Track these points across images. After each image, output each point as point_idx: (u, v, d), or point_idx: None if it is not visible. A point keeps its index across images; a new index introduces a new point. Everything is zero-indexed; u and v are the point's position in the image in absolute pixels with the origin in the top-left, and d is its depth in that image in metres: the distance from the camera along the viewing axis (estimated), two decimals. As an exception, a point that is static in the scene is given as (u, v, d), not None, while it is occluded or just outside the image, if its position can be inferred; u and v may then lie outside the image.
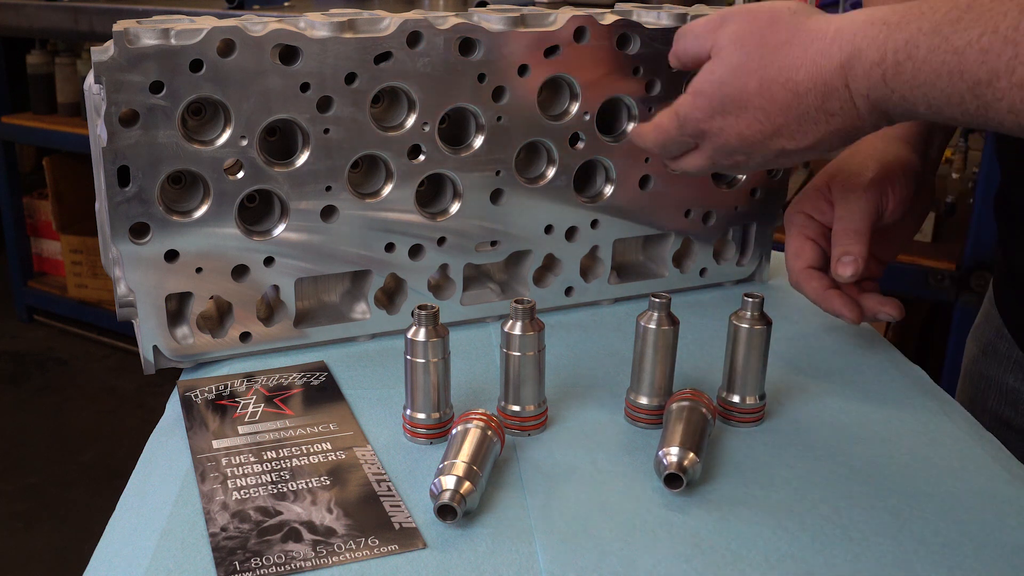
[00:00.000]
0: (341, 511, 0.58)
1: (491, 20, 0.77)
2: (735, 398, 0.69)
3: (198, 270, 0.74)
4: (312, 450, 0.65)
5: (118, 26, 0.67)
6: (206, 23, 0.68)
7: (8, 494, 2.33)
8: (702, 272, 0.93)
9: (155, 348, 0.75)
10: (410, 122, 0.76)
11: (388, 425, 0.68)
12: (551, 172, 0.83)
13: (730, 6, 0.75)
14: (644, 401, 0.68)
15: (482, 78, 0.77)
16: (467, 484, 0.56)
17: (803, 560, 0.54)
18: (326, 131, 0.74)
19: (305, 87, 0.72)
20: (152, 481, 0.63)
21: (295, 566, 0.53)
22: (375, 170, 0.79)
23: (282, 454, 0.64)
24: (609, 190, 0.86)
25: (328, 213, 0.76)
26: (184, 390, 0.73)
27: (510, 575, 0.53)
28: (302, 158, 0.74)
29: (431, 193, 0.82)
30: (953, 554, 0.55)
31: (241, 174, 0.73)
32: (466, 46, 0.77)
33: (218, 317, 0.79)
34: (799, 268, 0.77)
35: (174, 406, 0.71)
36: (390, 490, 0.60)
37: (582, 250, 0.87)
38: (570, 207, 0.85)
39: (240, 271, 0.75)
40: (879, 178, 0.75)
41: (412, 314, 0.64)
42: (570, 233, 0.86)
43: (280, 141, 0.76)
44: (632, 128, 0.78)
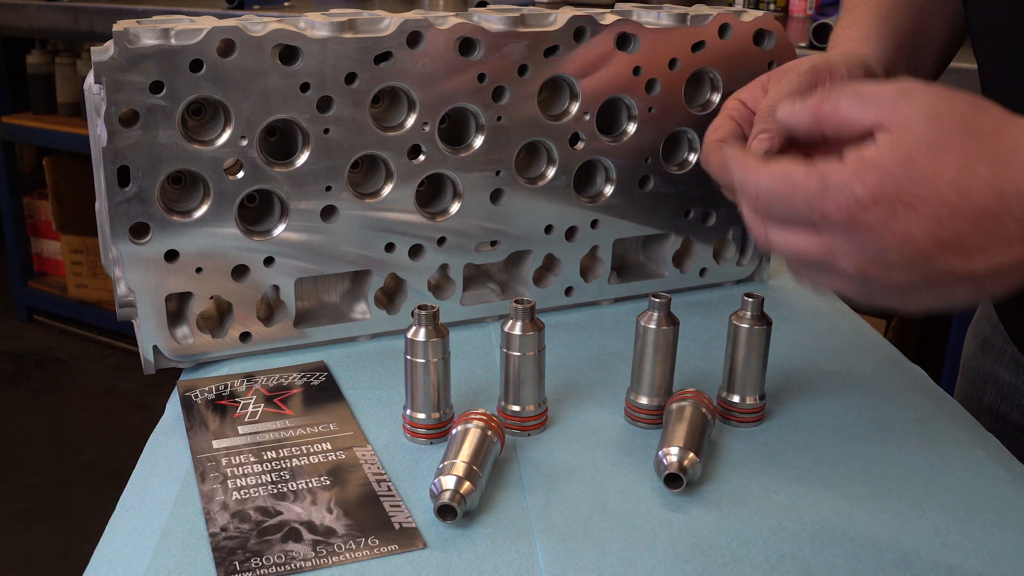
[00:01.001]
0: (341, 511, 0.58)
1: (491, 20, 0.77)
2: (735, 398, 0.69)
3: (198, 270, 0.74)
4: (312, 450, 0.65)
5: (118, 26, 0.67)
6: (206, 23, 0.68)
7: (8, 494, 2.33)
8: (702, 272, 0.93)
9: (155, 348, 0.75)
10: (410, 122, 0.76)
11: (388, 425, 0.68)
12: (551, 172, 0.83)
13: (730, 6, 0.73)
14: (644, 401, 0.68)
15: (482, 78, 0.77)
16: (467, 484, 0.56)
17: (803, 560, 0.54)
18: (326, 131, 0.74)
19: (305, 87, 0.72)
20: (152, 481, 0.63)
21: (295, 566, 0.53)
22: (375, 170, 0.79)
23: (282, 454, 0.64)
24: (609, 190, 0.86)
25: (328, 213, 0.76)
26: (184, 390, 0.73)
27: (510, 575, 0.53)
28: (302, 158, 0.74)
29: (431, 193, 0.82)
30: (953, 554, 0.55)
31: (241, 174, 0.73)
32: (466, 46, 0.77)
33: (218, 317, 0.79)
34: (710, 140, 0.70)
35: (174, 406, 0.71)
36: (390, 490, 0.60)
37: (582, 250, 0.87)
38: (570, 207, 0.85)
39: (240, 271, 0.75)
40: (818, 67, 0.68)
41: (412, 314, 0.64)
42: (570, 233, 0.86)
43: (280, 141, 0.76)
44: (732, 153, 0.57)
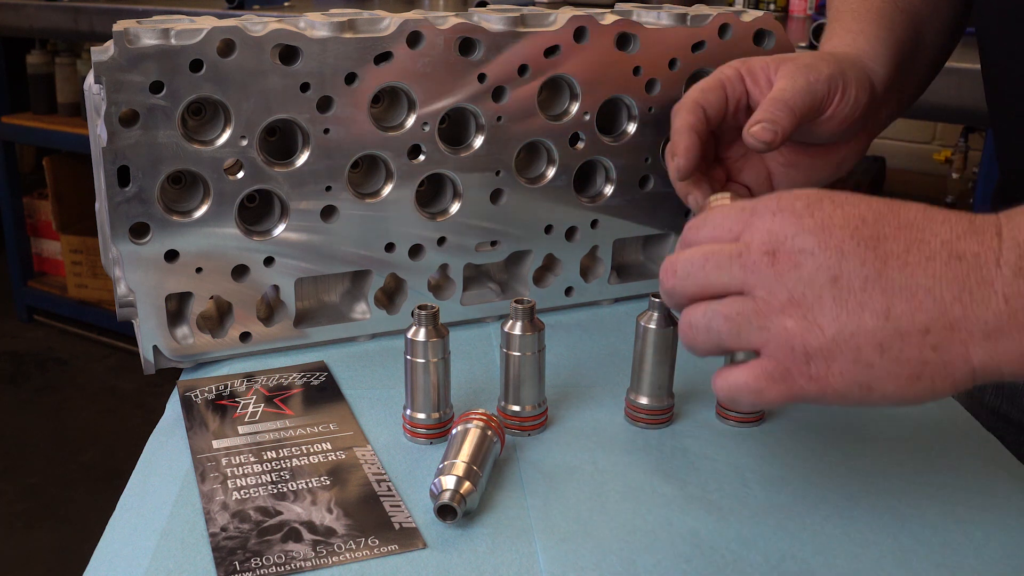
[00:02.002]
0: (341, 511, 0.58)
1: (491, 20, 0.77)
2: (735, 398, 0.69)
3: (198, 270, 0.74)
4: (312, 450, 0.65)
5: (118, 26, 0.67)
6: (206, 23, 0.68)
7: (8, 494, 2.33)
8: (702, 272, 0.93)
9: (155, 348, 0.75)
10: (410, 122, 0.76)
11: (388, 425, 0.68)
12: (551, 172, 0.83)
13: (730, 6, 0.72)
14: (644, 401, 0.68)
15: (482, 78, 0.77)
16: (467, 484, 0.56)
17: (803, 560, 0.54)
18: (326, 131, 0.74)
19: (305, 87, 0.72)
20: (152, 481, 0.63)
21: (295, 566, 0.53)
22: (375, 170, 0.79)
23: (282, 454, 0.64)
24: (609, 190, 0.86)
25: (328, 213, 0.76)
26: (184, 390, 0.73)
27: (510, 575, 0.53)
28: (302, 158, 0.74)
29: (431, 193, 0.82)
30: (953, 554, 0.55)
31: (241, 174, 0.73)
32: (466, 46, 0.77)
33: (218, 317, 0.79)
34: (692, 98, 0.66)
35: (174, 406, 0.71)
36: (390, 490, 0.60)
37: (582, 250, 0.87)
38: (570, 207, 0.85)
39: (240, 271, 0.75)
40: (834, 77, 0.66)
41: (412, 314, 0.64)
42: (570, 233, 0.86)
43: (280, 141, 0.76)
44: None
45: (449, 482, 0.56)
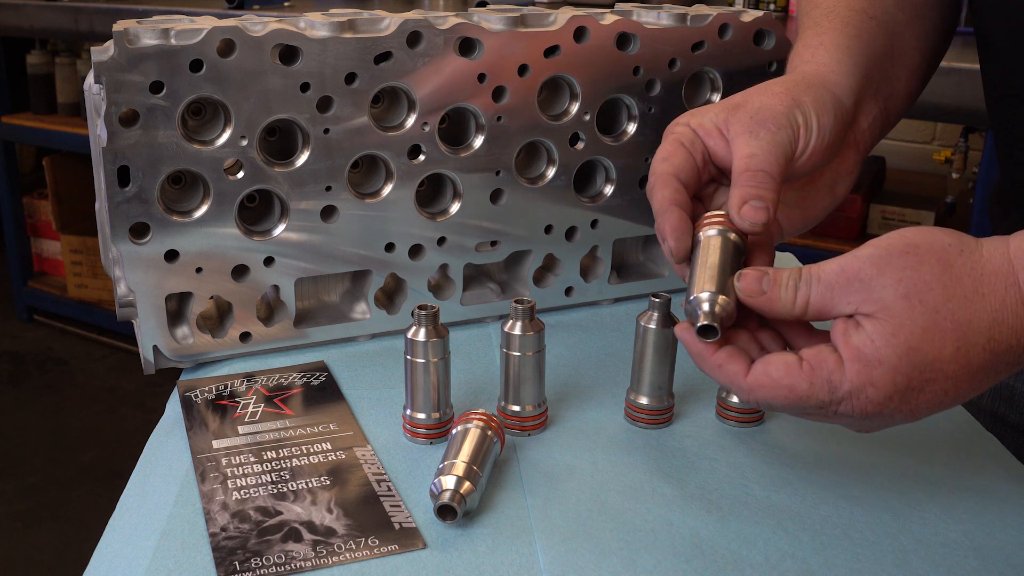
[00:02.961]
0: (341, 511, 0.58)
1: (491, 20, 0.77)
2: (735, 398, 0.69)
3: (198, 270, 0.74)
4: (312, 450, 0.65)
5: (118, 26, 0.67)
6: (206, 23, 0.68)
7: (8, 494, 2.33)
8: (702, 272, 0.93)
9: (155, 348, 0.75)
10: (410, 122, 0.76)
11: (388, 425, 0.68)
12: (551, 172, 0.83)
13: (730, 6, 0.69)
14: (644, 401, 0.68)
15: (482, 78, 0.77)
16: (467, 484, 0.56)
17: (803, 560, 0.54)
18: (326, 131, 0.74)
19: (305, 87, 0.72)
20: (152, 481, 0.63)
21: (295, 566, 0.53)
22: (375, 170, 0.79)
23: (282, 454, 0.64)
24: (609, 190, 0.86)
25: (328, 213, 0.76)
26: (184, 390, 0.73)
27: (510, 575, 0.53)
28: (302, 158, 0.74)
29: (431, 193, 0.82)
30: (953, 554, 0.55)
31: (241, 174, 0.73)
32: (466, 46, 0.77)
33: (218, 317, 0.79)
34: (661, 170, 0.62)
35: (174, 406, 0.71)
36: (390, 490, 0.60)
37: (582, 250, 0.87)
38: (570, 207, 0.85)
39: (240, 271, 0.75)
40: (792, 118, 0.63)
41: (412, 314, 0.64)
42: (570, 233, 0.86)
43: (280, 141, 0.76)
44: (713, 360, 0.56)
45: (449, 482, 0.56)
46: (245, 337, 0.77)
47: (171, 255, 0.72)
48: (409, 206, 0.79)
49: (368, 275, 0.80)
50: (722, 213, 0.60)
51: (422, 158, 0.78)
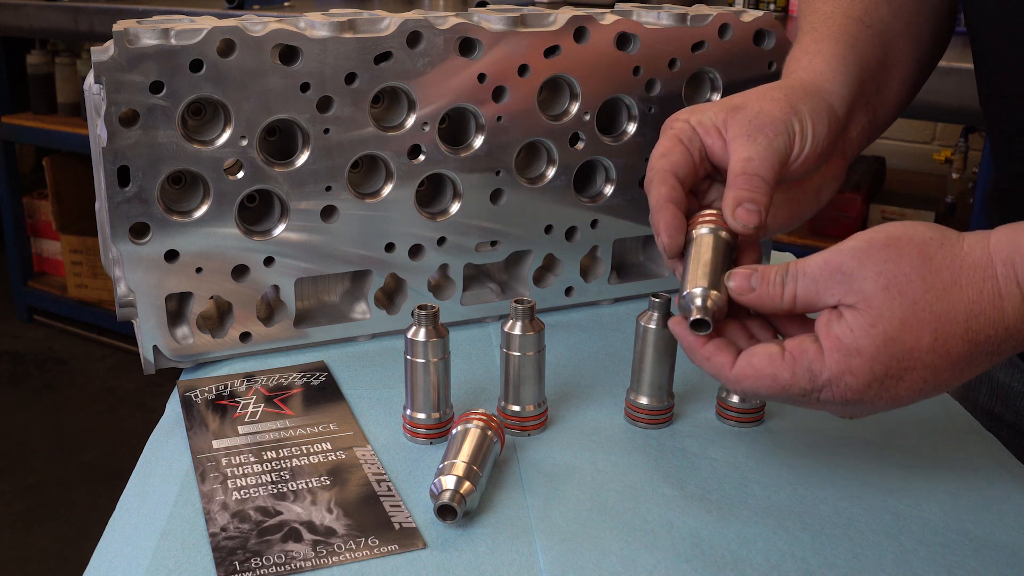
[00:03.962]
0: (341, 511, 0.58)
1: (491, 20, 0.77)
2: (735, 398, 0.69)
3: (198, 270, 0.74)
4: (312, 450, 0.65)
5: (118, 26, 0.67)
6: (206, 23, 0.68)
7: (8, 494, 2.33)
8: (702, 272, 0.93)
9: (155, 348, 0.75)
10: (410, 122, 0.76)
11: (388, 425, 0.68)
12: (551, 172, 0.83)
13: (730, 6, 0.69)
14: (644, 401, 0.68)
15: (482, 78, 0.77)
16: (467, 484, 0.56)
17: (803, 560, 0.54)
18: (326, 131, 0.74)
19: (305, 87, 0.72)
20: (152, 481, 0.63)
21: (295, 566, 0.53)
22: (375, 170, 0.79)
23: (282, 454, 0.64)
24: (609, 190, 0.86)
25: (328, 213, 0.76)
26: (184, 390, 0.73)
27: (510, 575, 0.53)
28: (302, 158, 0.74)
29: (431, 193, 0.82)
30: (953, 554, 0.55)
31: (241, 174, 0.73)
32: (466, 46, 0.77)
33: (218, 317, 0.79)
34: (660, 167, 0.64)
35: (174, 406, 0.71)
36: (390, 490, 0.60)
37: (582, 250, 0.87)
38: (570, 207, 0.85)
39: (240, 271, 0.75)
40: (789, 125, 0.64)
41: (412, 314, 0.64)
42: (570, 233, 0.86)
43: (280, 141, 0.76)
44: (702, 352, 0.58)
45: (449, 482, 0.56)
46: (245, 337, 0.77)
47: (171, 255, 0.72)
48: (409, 206, 0.79)
49: (368, 275, 0.80)
50: (715, 212, 0.62)
51: (422, 158, 0.78)
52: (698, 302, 0.57)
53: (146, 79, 0.67)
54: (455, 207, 0.81)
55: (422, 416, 0.65)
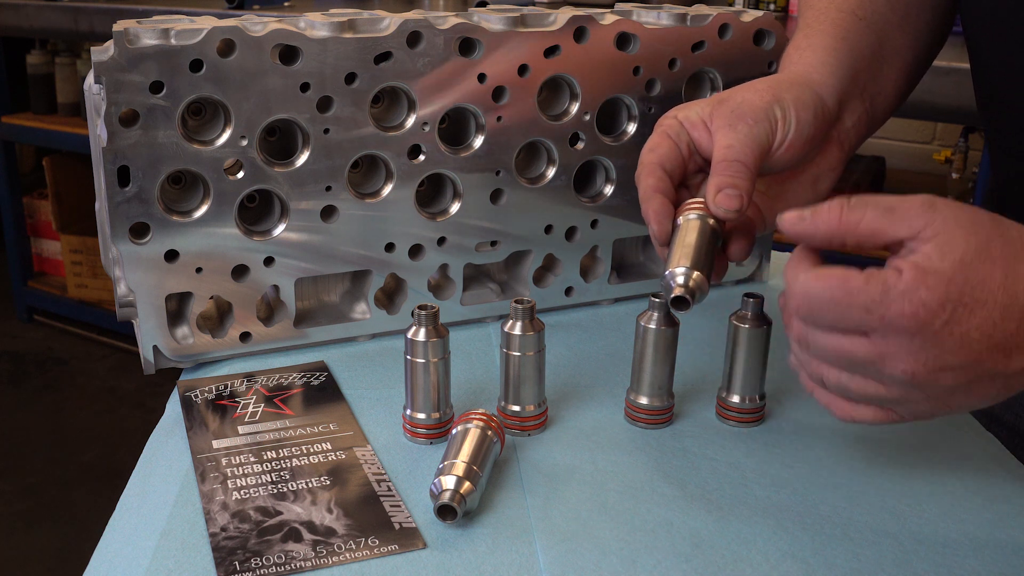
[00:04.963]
0: (341, 511, 0.58)
1: (491, 20, 0.77)
2: (735, 398, 0.69)
3: (198, 270, 0.74)
4: (312, 450, 0.65)
5: (118, 26, 0.67)
6: (206, 23, 0.68)
7: (8, 494, 2.33)
8: (702, 272, 0.93)
9: (155, 348, 0.75)
10: (410, 122, 0.76)
11: (388, 425, 0.68)
12: (551, 172, 0.83)
13: (730, 6, 0.70)
14: (644, 401, 0.68)
15: (482, 78, 0.77)
16: (467, 484, 0.56)
17: (803, 560, 0.54)
18: (326, 131, 0.74)
19: (305, 87, 0.72)
20: (152, 481, 0.63)
21: (295, 566, 0.53)
22: (375, 170, 0.79)
23: (282, 454, 0.64)
24: (609, 190, 0.86)
25: (328, 213, 0.76)
26: (184, 390, 0.73)
27: (510, 575, 0.53)
28: (302, 158, 0.74)
29: (431, 193, 0.82)
30: (953, 554, 0.55)
31: (241, 174, 0.73)
32: (466, 46, 0.77)
33: (218, 317, 0.79)
34: (649, 160, 0.67)
35: (174, 406, 0.71)
36: (390, 490, 0.60)
37: (582, 250, 0.87)
38: (570, 207, 0.85)
39: (240, 271, 0.75)
40: (770, 112, 0.66)
41: (412, 314, 0.64)
42: (570, 233, 0.86)
43: (280, 141, 0.76)
44: (795, 258, 0.55)
45: (449, 482, 0.56)
46: (245, 337, 0.77)
47: (171, 255, 0.72)
48: (409, 206, 0.79)
49: (368, 275, 0.80)
50: (701, 200, 0.64)
51: (422, 158, 0.78)
52: (679, 280, 0.60)
53: (146, 79, 0.67)
54: (455, 207, 0.81)
55: (422, 416, 0.65)
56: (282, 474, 0.62)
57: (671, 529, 0.57)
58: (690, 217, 0.64)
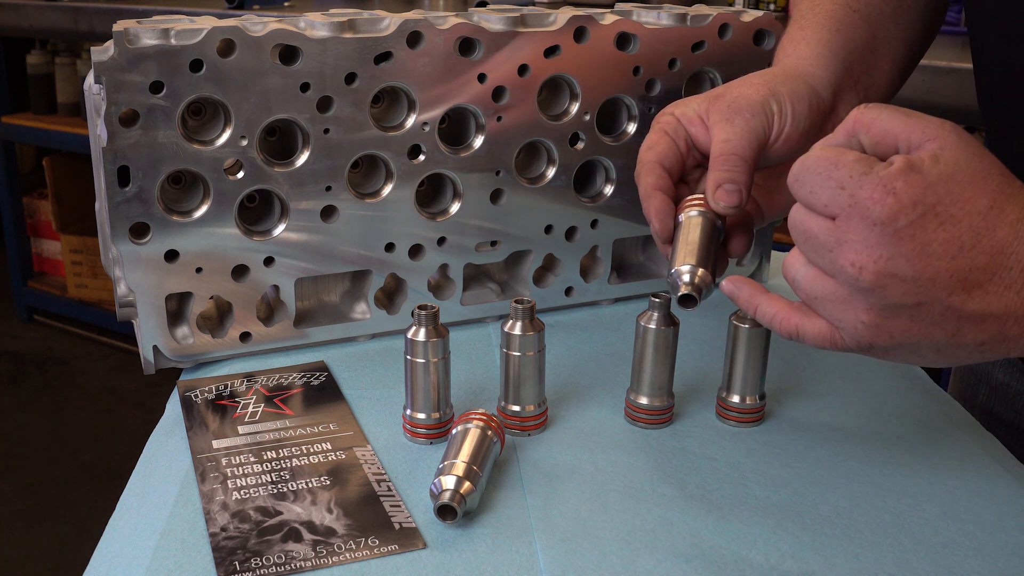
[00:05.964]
0: (341, 511, 0.58)
1: (491, 20, 0.77)
2: (735, 398, 0.69)
3: (198, 270, 0.74)
4: (312, 450, 0.65)
5: (118, 26, 0.67)
6: (206, 23, 0.68)
7: (8, 494, 2.33)
8: (702, 272, 0.93)
9: (155, 348, 0.75)
10: (410, 122, 0.76)
11: (388, 425, 0.68)
12: (551, 172, 0.83)
13: (730, 6, 0.71)
14: (644, 401, 0.68)
15: (482, 78, 0.77)
16: (467, 484, 0.56)
17: (803, 560, 0.54)
18: (326, 131, 0.74)
19: (305, 87, 0.72)
20: (152, 481, 0.63)
21: (295, 566, 0.53)
22: (375, 170, 0.79)
23: (282, 454, 0.64)
24: (609, 190, 0.86)
25: (328, 213, 0.76)
26: (184, 390, 0.73)
27: (510, 575, 0.53)
28: (302, 158, 0.74)
29: (431, 193, 0.82)
30: (953, 554, 0.55)
31: (241, 174, 0.73)
32: (466, 46, 0.77)
33: (218, 317, 0.79)
34: (647, 158, 0.67)
35: (174, 406, 0.71)
36: (390, 490, 0.60)
37: (582, 250, 0.87)
38: (570, 207, 0.85)
39: (240, 271, 0.75)
40: (767, 106, 0.66)
41: (412, 314, 0.64)
42: (570, 233, 0.86)
43: (280, 141, 0.76)
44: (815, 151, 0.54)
45: (449, 482, 0.56)
46: (245, 337, 0.77)
47: (171, 255, 0.72)
48: (409, 206, 0.79)
49: (368, 275, 0.80)
50: (701, 196, 0.65)
51: (422, 158, 0.78)
52: (685, 278, 0.61)
53: (146, 79, 0.67)
54: (455, 207, 0.81)
55: (422, 416, 0.65)
56: (282, 474, 0.62)
57: (671, 529, 0.57)
58: (691, 214, 0.64)
